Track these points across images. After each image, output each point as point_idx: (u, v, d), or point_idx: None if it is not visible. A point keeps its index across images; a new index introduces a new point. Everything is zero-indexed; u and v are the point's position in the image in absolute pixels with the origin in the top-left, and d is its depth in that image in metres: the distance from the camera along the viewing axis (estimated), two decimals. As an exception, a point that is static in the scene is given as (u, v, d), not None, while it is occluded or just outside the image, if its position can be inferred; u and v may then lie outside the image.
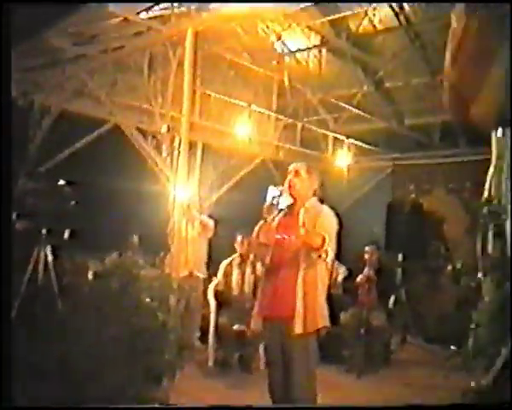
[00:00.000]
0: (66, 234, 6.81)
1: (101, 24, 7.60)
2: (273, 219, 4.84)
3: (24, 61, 8.26)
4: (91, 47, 8.11)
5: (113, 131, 8.87)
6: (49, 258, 6.74)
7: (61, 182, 6.91)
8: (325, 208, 4.86)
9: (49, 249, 6.77)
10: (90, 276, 6.63)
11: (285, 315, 4.61)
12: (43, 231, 6.82)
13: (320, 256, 4.56)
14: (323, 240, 4.52)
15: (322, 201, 5.03)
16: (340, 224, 4.85)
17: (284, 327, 4.62)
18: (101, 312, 5.87)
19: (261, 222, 4.88)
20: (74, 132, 8.89)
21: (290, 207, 4.84)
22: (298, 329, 4.56)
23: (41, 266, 6.75)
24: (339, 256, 9.84)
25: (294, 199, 4.84)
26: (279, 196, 4.70)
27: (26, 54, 8.04)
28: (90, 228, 7.42)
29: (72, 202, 6.97)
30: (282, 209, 4.79)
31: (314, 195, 4.99)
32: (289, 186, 4.85)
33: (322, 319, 4.71)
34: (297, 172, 4.90)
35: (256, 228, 4.97)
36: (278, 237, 4.84)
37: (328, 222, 4.75)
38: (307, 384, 4.67)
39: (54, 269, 6.72)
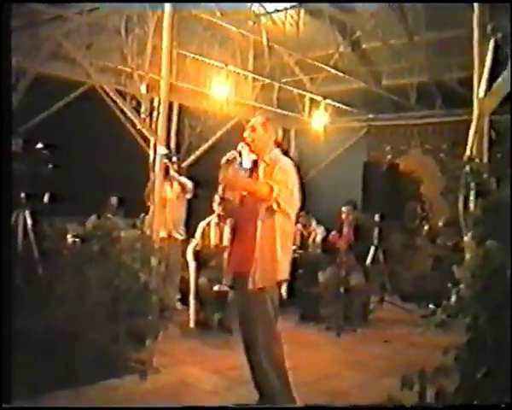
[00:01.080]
0: (46, 198, 6.73)
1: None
2: (237, 177, 4.83)
3: (-3, 23, 8.10)
4: (67, 8, 7.95)
5: (89, 93, 8.80)
6: (29, 222, 6.66)
7: (39, 145, 6.80)
8: (283, 159, 4.84)
9: (28, 214, 6.68)
10: (69, 239, 6.57)
11: (246, 270, 4.63)
12: (22, 195, 6.72)
13: (273, 208, 4.59)
14: (271, 190, 4.57)
15: (286, 153, 5.05)
16: (301, 178, 4.86)
17: (245, 282, 4.66)
18: (83, 275, 5.88)
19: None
20: (50, 95, 8.79)
21: (254, 162, 4.88)
22: (258, 283, 4.60)
23: (20, 231, 6.68)
24: (310, 214, 10.09)
25: (257, 155, 4.85)
26: (239, 154, 4.74)
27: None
28: (69, 191, 7.35)
29: (50, 166, 6.88)
30: (246, 167, 4.84)
31: (277, 146, 4.95)
32: (248, 143, 4.84)
33: (282, 273, 4.73)
34: (253, 128, 4.88)
35: (220, 187, 4.98)
36: (244, 193, 4.87)
37: (283, 173, 4.71)
38: (269, 341, 4.68)
39: (33, 233, 6.64)
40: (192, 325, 7.93)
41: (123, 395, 5.20)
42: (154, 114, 6.65)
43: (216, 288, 7.74)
